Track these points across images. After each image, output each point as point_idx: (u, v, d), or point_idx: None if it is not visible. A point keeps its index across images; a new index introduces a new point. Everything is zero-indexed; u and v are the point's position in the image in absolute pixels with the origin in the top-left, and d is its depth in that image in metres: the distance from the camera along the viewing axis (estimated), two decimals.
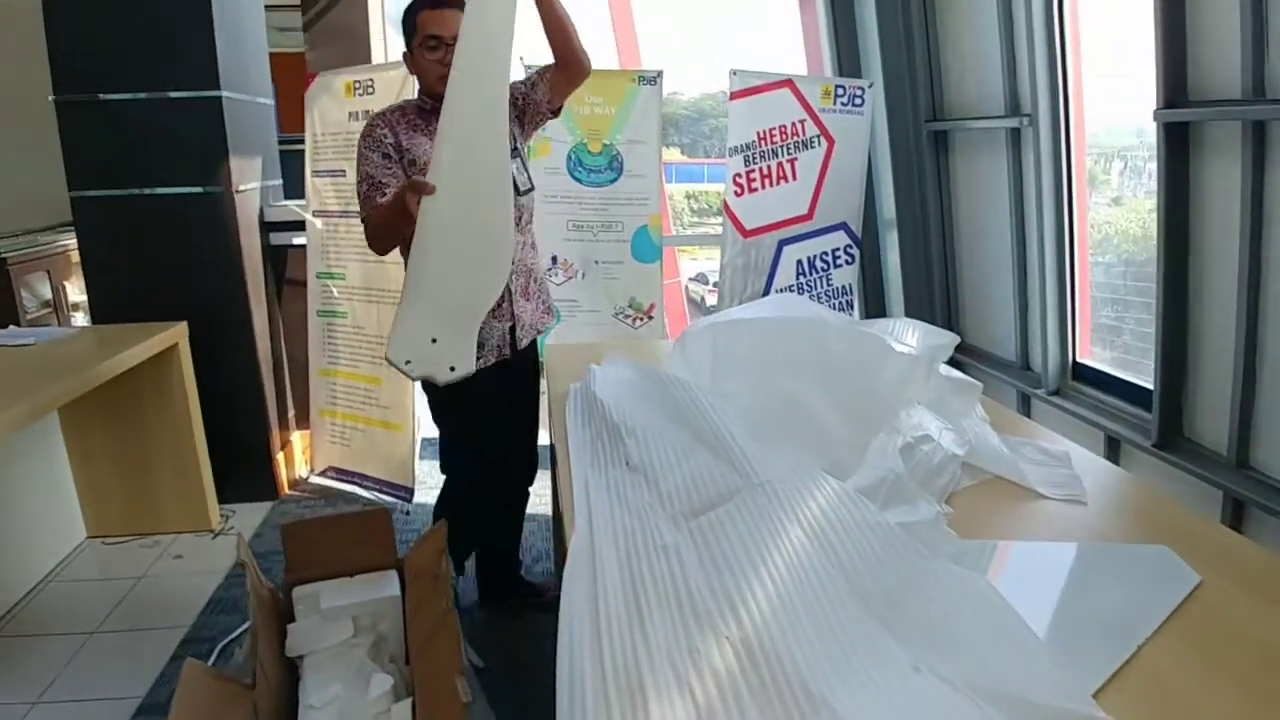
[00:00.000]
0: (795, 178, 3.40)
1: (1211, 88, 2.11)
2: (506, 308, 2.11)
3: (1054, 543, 1.30)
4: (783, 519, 1.13)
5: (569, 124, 3.33)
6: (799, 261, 3.49)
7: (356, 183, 2.01)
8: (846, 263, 3.56)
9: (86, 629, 2.43)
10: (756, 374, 1.53)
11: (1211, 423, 2.26)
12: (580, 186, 3.37)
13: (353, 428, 3.39)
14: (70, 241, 4.34)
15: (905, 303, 3.74)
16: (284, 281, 3.48)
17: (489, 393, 2.13)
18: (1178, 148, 2.21)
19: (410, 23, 2.00)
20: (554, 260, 3.40)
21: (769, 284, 3.46)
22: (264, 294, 3.29)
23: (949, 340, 1.64)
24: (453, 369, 1.82)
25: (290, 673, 1.82)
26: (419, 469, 3.32)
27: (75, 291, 4.46)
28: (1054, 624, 1.08)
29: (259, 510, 3.22)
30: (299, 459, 3.55)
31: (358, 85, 3.15)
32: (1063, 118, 2.75)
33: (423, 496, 3.25)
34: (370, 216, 1.96)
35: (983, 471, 1.49)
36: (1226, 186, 2.10)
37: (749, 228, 3.38)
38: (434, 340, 1.79)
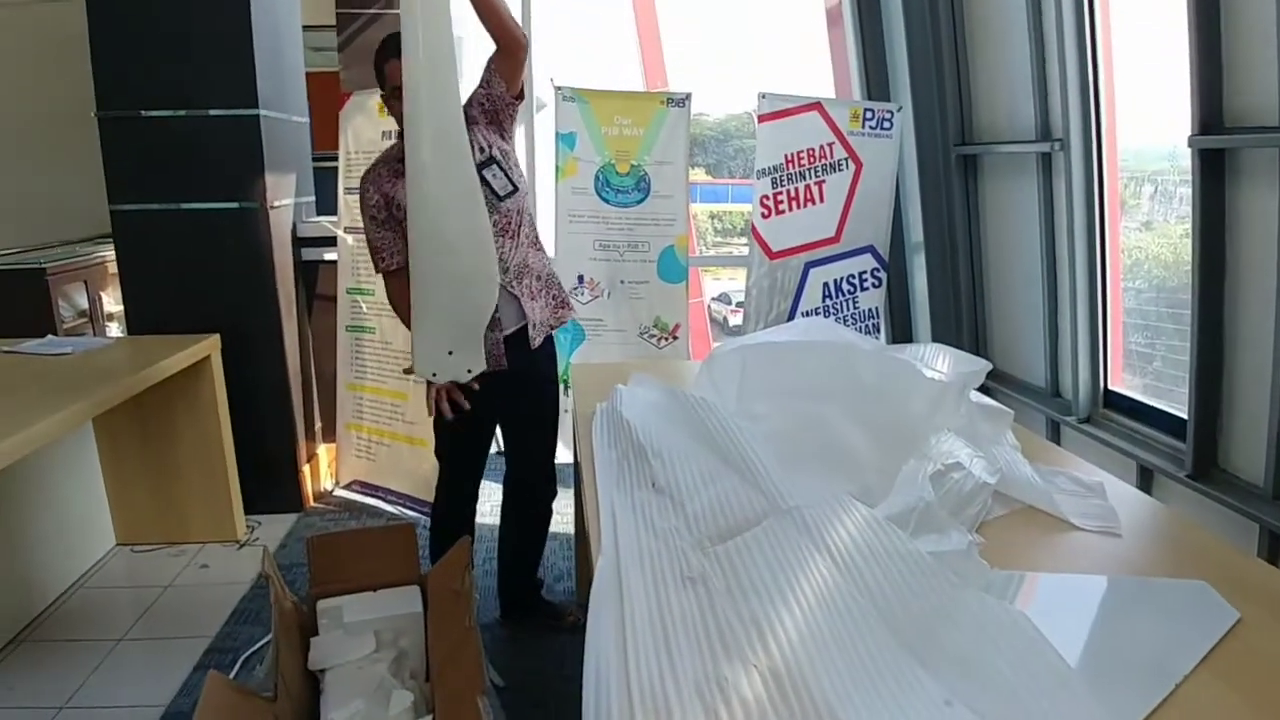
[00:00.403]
0: (823, 200, 3.40)
1: (1248, 114, 2.08)
2: (498, 318, 2.13)
3: (1088, 575, 1.27)
4: (811, 546, 1.12)
5: (597, 144, 3.36)
6: (825, 284, 3.48)
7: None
8: (873, 286, 3.55)
9: (113, 636, 2.46)
10: (785, 398, 1.52)
11: (1248, 453, 2.21)
12: (607, 207, 3.39)
13: (378, 442, 3.42)
14: (107, 253, 4.43)
15: (932, 327, 3.71)
16: (314, 296, 3.53)
17: (483, 404, 2.18)
18: (1213, 174, 2.18)
19: (380, 73, 2.05)
20: (580, 279, 3.42)
21: (795, 306, 3.45)
22: (295, 308, 3.34)
23: (981, 367, 1.62)
24: (470, 371, 2.01)
25: (311, 686, 1.83)
26: None
27: (111, 302, 4.55)
28: (1089, 659, 1.05)
29: (284, 522, 3.25)
30: (324, 472, 3.58)
31: None
32: (1095, 143, 2.73)
33: None
34: (388, 289, 2.18)
35: (1014, 501, 1.47)
36: (1263, 213, 2.06)
37: (776, 249, 3.38)
38: (450, 353, 1.98)
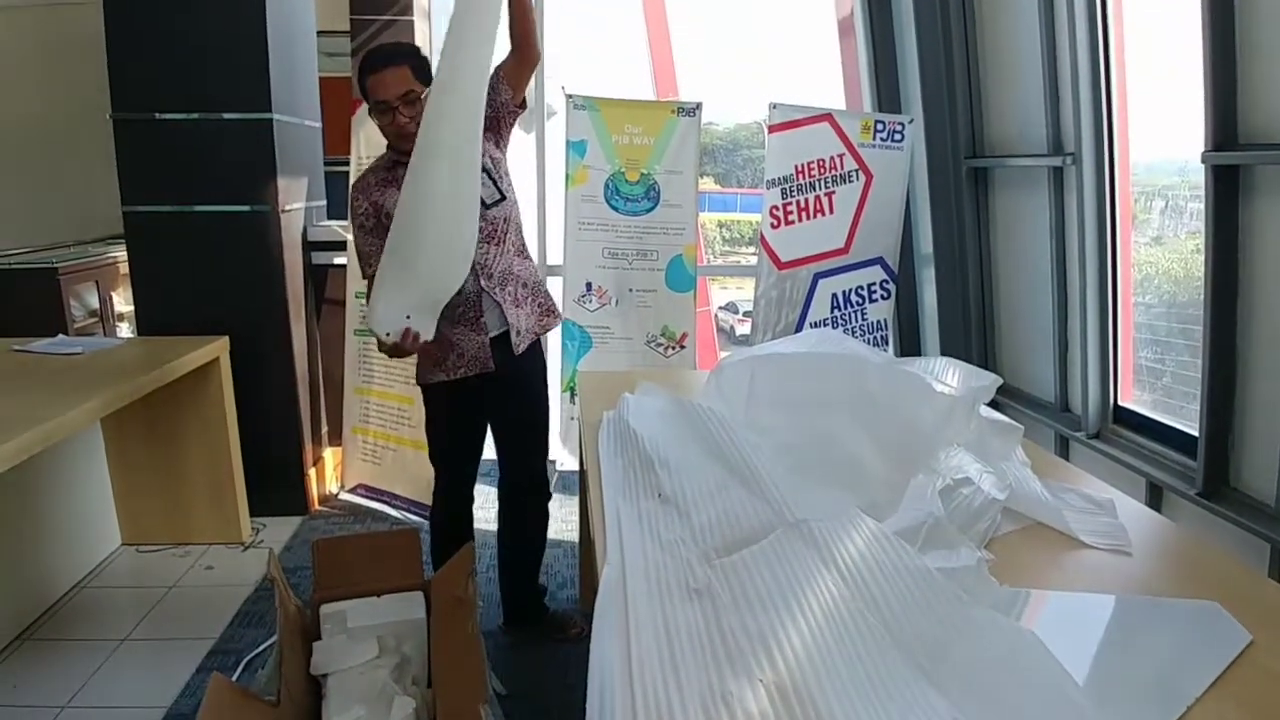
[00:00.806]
0: (832, 211, 3.40)
1: (1262, 130, 2.07)
2: (484, 321, 2.14)
3: (1098, 594, 1.26)
4: (818, 560, 1.11)
5: (607, 153, 3.36)
6: (834, 295, 3.47)
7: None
8: (882, 298, 3.54)
9: (117, 636, 2.47)
10: (793, 409, 1.51)
11: (1259, 472, 2.19)
12: (616, 215, 3.39)
13: (384, 446, 3.42)
14: (119, 253, 4.47)
15: (941, 340, 3.70)
16: (323, 300, 3.53)
17: (469, 405, 2.25)
18: (1226, 191, 2.17)
19: (362, 88, 2.06)
20: (588, 287, 3.42)
21: (803, 317, 3.45)
22: (304, 312, 3.35)
23: (991, 382, 1.61)
24: (420, 336, 2.03)
25: (314, 691, 1.82)
26: None
27: (122, 302, 4.57)
28: (1098, 680, 1.04)
29: (289, 524, 3.25)
30: (330, 475, 3.58)
31: None
32: (1107, 157, 2.72)
33: None
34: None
35: (1023, 517, 1.46)
36: (1277, 230, 2.05)
37: (784, 260, 3.38)
38: (408, 317, 2.01)
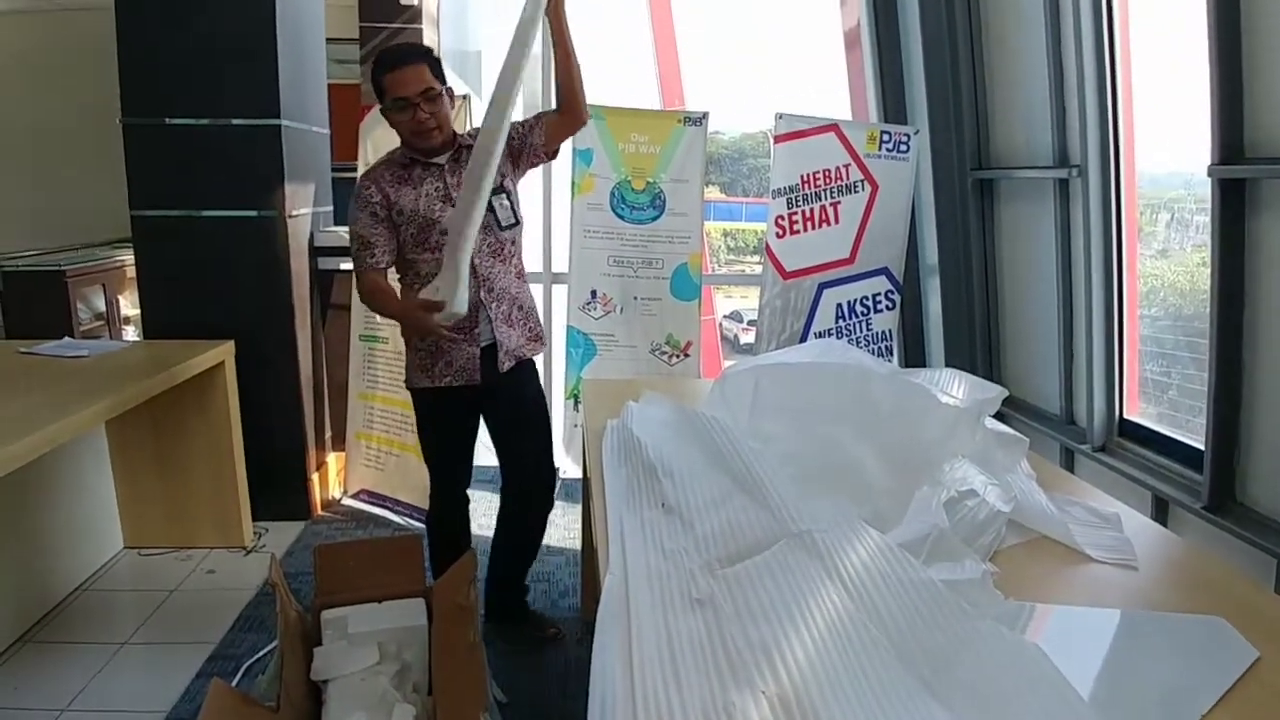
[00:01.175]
0: (838, 221, 3.40)
1: (1268, 144, 2.07)
2: (478, 333, 2.17)
3: (1103, 609, 1.26)
4: (822, 571, 1.11)
5: (614, 161, 3.37)
6: (839, 305, 3.47)
7: (349, 238, 2.16)
8: (887, 308, 3.54)
9: (118, 639, 2.46)
10: (798, 419, 1.51)
11: (1266, 486, 2.18)
12: (622, 223, 3.40)
13: (387, 452, 3.42)
14: (125, 256, 4.49)
15: (946, 351, 3.69)
16: (329, 305, 3.54)
17: (446, 410, 2.26)
18: (1233, 204, 2.17)
19: (378, 85, 2.07)
20: (593, 294, 3.43)
21: (808, 326, 3.45)
22: (309, 316, 3.36)
23: (996, 394, 1.61)
24: (437, 290, 1.99)
25: (314, 697, 1.82)
26: None
27: (128, 305, 4.60)
28: (1103, 695, 1.03)
29: (291, 529, 3.24)
30: (333, 480, 3.58)
31: None
32: (1113, 170, 2.72)
33: None
34: (366, 283, 2.15)
35: (1028, 530, 1.45)
36: None
37: (789, 269, 3.38)
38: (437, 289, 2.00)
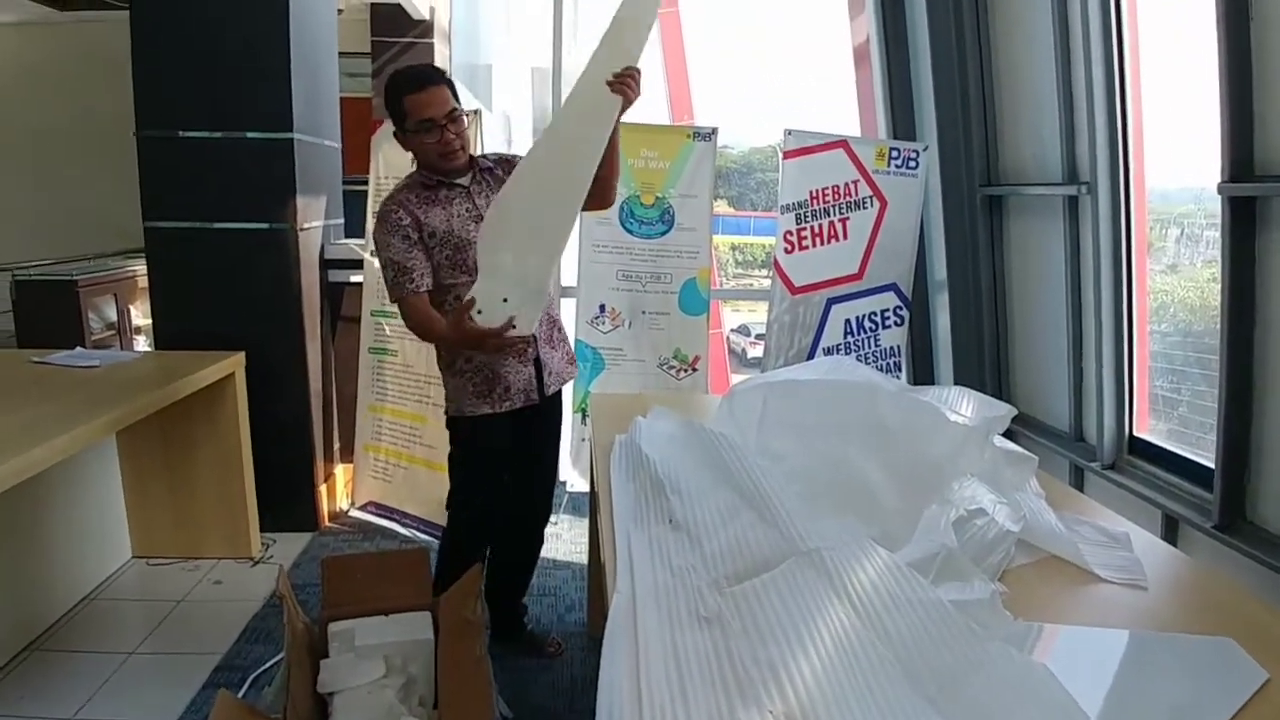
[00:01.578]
0: (846, 237, 3.40)
1: (1278, 162, 2.07)
2: (532, 352, 2.16)
3: (1111, 629, 1.25)
4: (830, 590, 1.11)
5: (623, 176, 3.38)
6: (847, 321, 3.47)
7: (382, 267, 2.10)
8: (896, 324, 3.53)
9: (125, 649, 2.47)
10: (806, 436, 1.51)
11: (1277, 506, 2.16)
12: (631, 238, 3.41)
13: (395, 464, 3.43)
14: (137, 267, 4.53)
15: (954, 367, 3.68)
16: (339, 317, 3.56)
17: (511, 440, 2.22)
18: (1243, 222, 2.16)
19: (398, 108, 2.04)
20: (601, 308, 3.44)
21: (816, 342, 3.45)
22: (319, 329, 3.38)
23: (1005, 412, 1.60)
24: (513, 326, 1.94)
25: (320, 709, 1.81)
26: None
27: (139, 315, 4.63)
28: (1113, 717, 1.03)
29: (299, 540, 3.25)
30: (341, 492, 3.59)
31: None
32: (1123, 186, 2.72)
33: None
34: (413, 313, 2.07)
35: (1038, 549, 1.45)
36: None
37: (798, 285, 3.38)
38: (505, 300, 1.93)
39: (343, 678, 1.82)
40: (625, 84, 1.90)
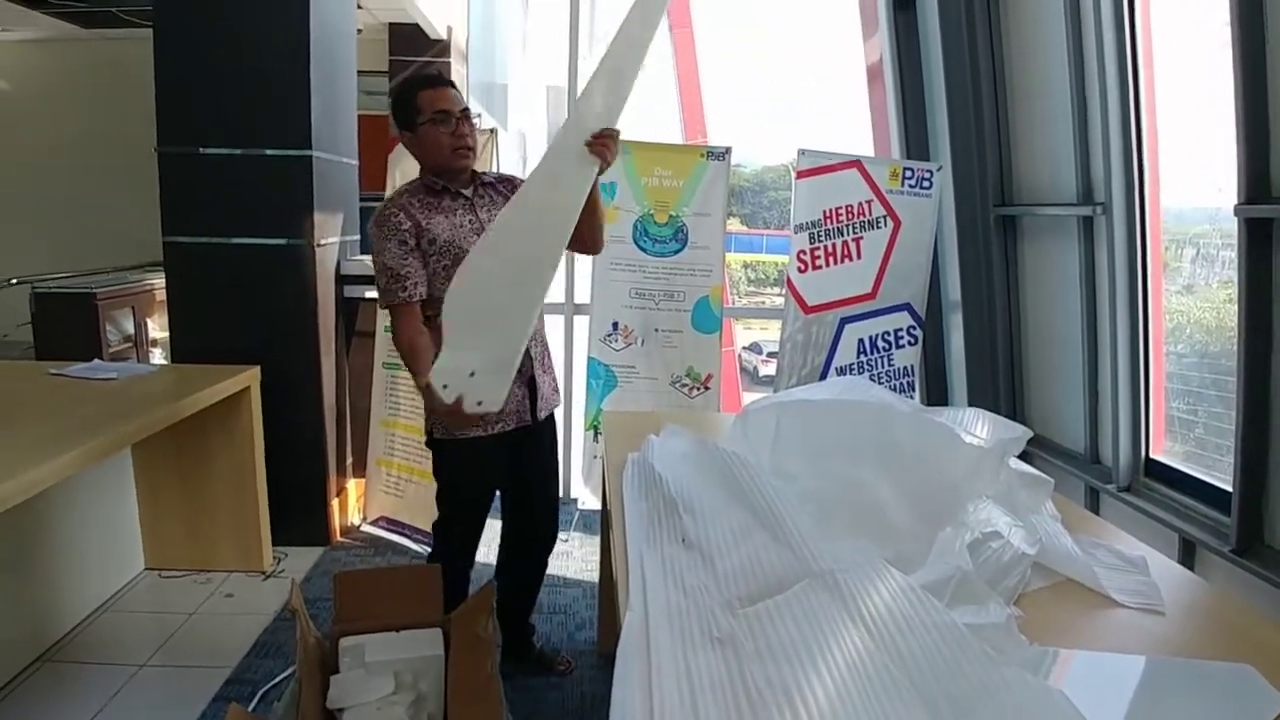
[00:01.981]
0: (860, 257, 3.41)
1: None
2: (527, 371, 2.11)
3: (1128, 655, 1.24)
4: (844, 612, 1.10)
5: (637, 195, 3.41)
6: (860, 340, 3.46)
7: (375, 272, 2.03)
8: (909, 344, 3.53)
9: (136, 661, 2.47)
10: (820, 457, 1.51)
11: None
12: (644, 255, 3.43)
13: (407, 479, 3.43)
14: (155, 280, 4.59)
15: (968, 387, 3.67)
16: (354, 332, 3.59)
17: (502, 466, 2.18)
18: (1259, 244, 2.15)
19: (411, 104, 2.02)
20: (614, 326, 3.45)
21: (829, 361, 3.44)
22: (334, 343, 3.40)
23: (1020, 434, 1.60)
24: (480, 403, 1.85)
25: None
26: None
27: (156, 328, 4.68)
28: None
29: (310, 555, 3.26)
30: (353, 507, 3.60)
31: None
32: (1138, 208, 2.71)
33: None
34: (402, 328, 2.00)
35: (1054, 573, 1.44)
36: None
37: (811, 304, 3.39)
38: (472, 374, 1.83)
39: (353, 693, 1.82)
40: (604, 145, 1.80)
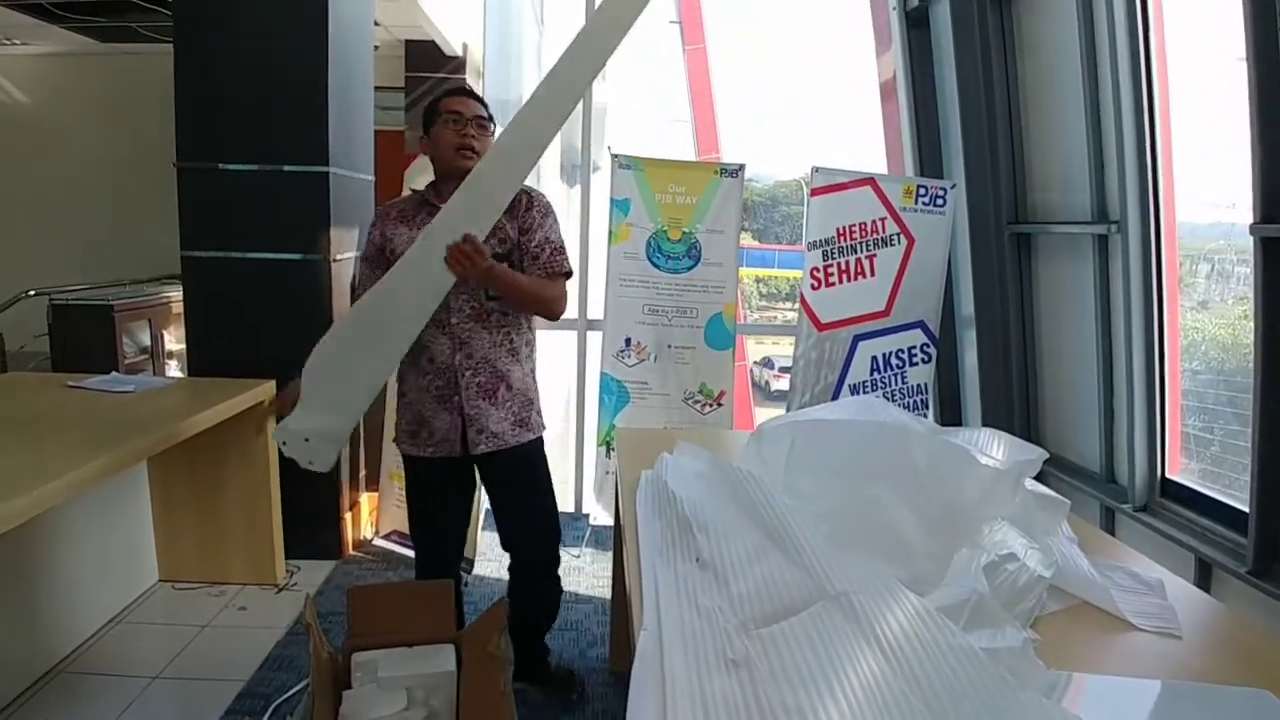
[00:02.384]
0: (873, 274, 3.41)
1: None
2: (458, 400, 2.13)
3: (1145, 680, 1.22)
4: (859, 635, 1.09)
5: (650, 211, 3.43)
6: (874, 357, 3.46)
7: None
8: (923, 361, 3.52)
9: (149, 673, 2.48)
10: (834, 477, 1.50)
11: None
12: (658, 272, 3.44)
13: None
14: (171, 293, 4.64)
15: (982, 405, 3.65)
16: None
17: (432, 482, 2.25)
18: (1276, 263, 2.14)
19: (433, 108, 2.15)
20: (627, 342, 3.46)
21: (842, 378, 3.44)
22: None
23: (1037, 456, 1.59)
24: (310, 463, 2.14)
25: None
26: (480, 540, 3.33)
27: (172, 340, 4.72)
28: None
29: (323, 568, 3.27)
30: (365, 520, 3.61)
31: None
32: (1153, 226, 2.70)
33: (482, 568, 3.26)
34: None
35: (1070, 596, 1.42)
36: None
37: (824, 321, 3.39)
38: (307, 440, 2.12)
39: (365, 709, 1.82)
40: (458, 258, 1.94)
